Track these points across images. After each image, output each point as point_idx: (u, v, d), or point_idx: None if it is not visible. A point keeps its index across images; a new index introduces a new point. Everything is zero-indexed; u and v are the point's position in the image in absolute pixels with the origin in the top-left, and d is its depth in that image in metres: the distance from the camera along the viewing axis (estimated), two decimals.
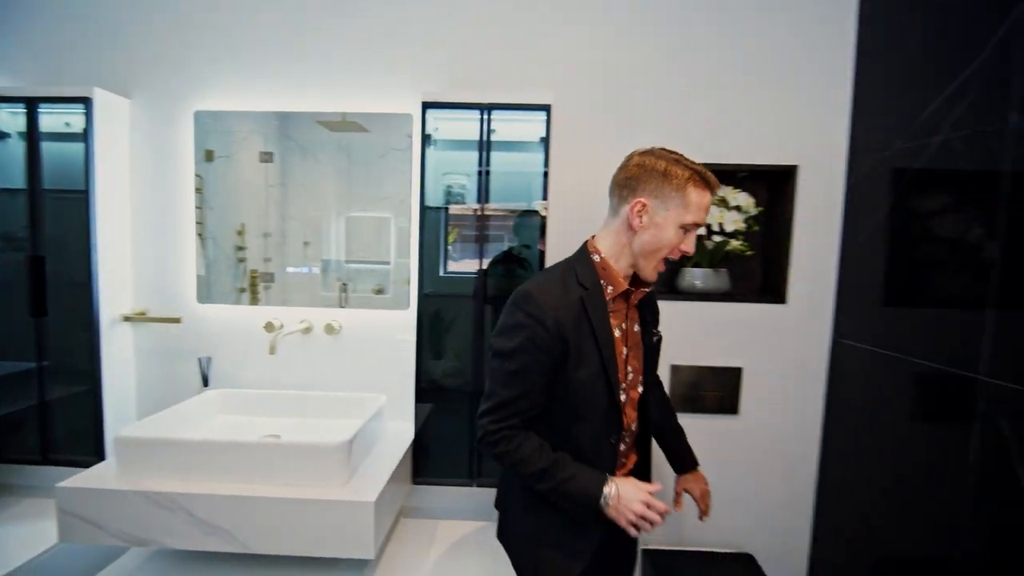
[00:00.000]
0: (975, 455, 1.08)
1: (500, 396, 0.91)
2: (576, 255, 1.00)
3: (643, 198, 0.91)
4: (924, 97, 1.22)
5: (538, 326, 0.88)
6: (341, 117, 1.58)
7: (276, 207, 1.63)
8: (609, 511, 0.91)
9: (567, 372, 0.92)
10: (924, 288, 1.22)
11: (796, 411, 1.58)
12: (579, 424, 0.95)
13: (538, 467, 0.90)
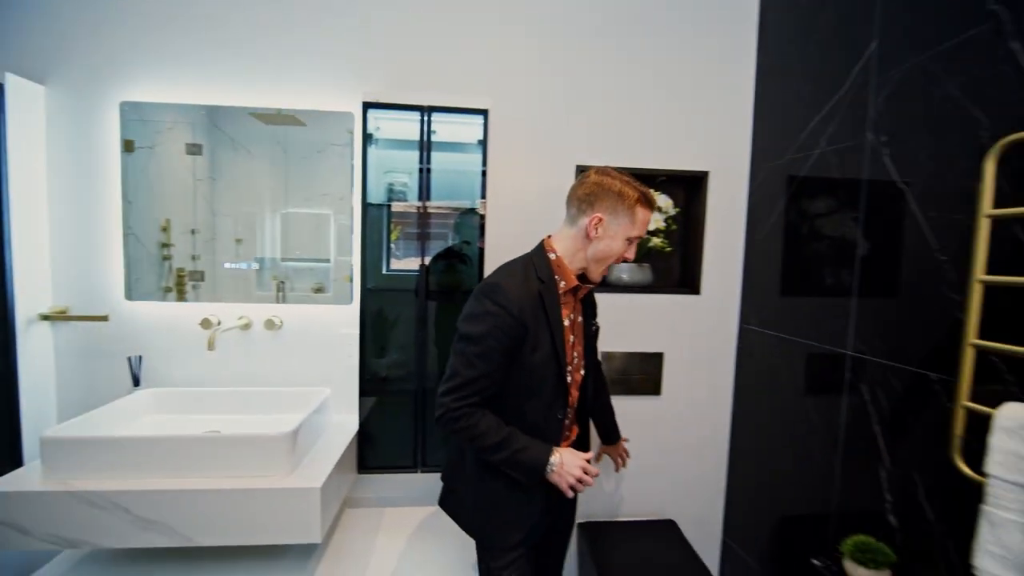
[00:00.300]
0: (843, 417, 1.29)
1: (464, 376, 1.01)
2: (534, 252, 1.13)
3: (600, 214, 1.06)
4: (806, 116, 1.43)
5: (506, 314, 1.00)
6: (276, 110, 1.55)
7: (205, 202, 1.57)
8: (553, 476, 1.05)
9: (523, 355, 1.04)
10: (811, 280, 1.43)
11: (710, 390, 1.78)
12: (531, 401, 1.08)
13: (494, 440, 1.02)
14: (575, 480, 1.05)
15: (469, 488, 1.14)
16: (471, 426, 1.01)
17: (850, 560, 1.14)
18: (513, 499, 1.10)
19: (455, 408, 1.01)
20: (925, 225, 1.06)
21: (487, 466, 1.09)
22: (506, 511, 1.10)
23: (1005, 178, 0.89)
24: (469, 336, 1.02)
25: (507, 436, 1.03)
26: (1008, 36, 0.90)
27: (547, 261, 1.10)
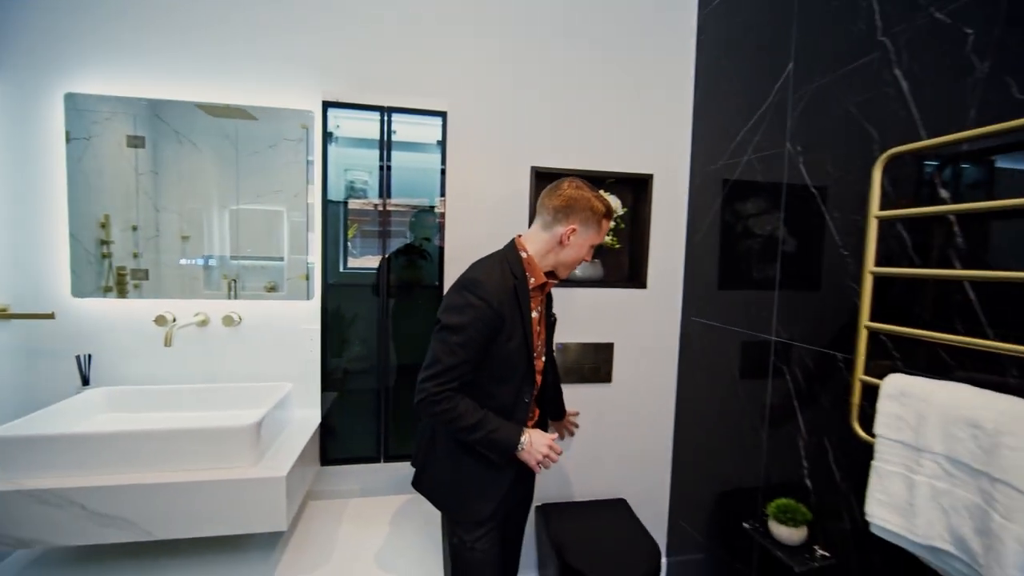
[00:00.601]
0: (769, 397, 1.44)
1: (444, 363, 1.09)
2: (507, 250, 1.23)
3: (575, 225, 1.18)
4: (736, 126, 1.59)
5: (486, 307, 1.10)
6: (224, 103, 1.52)
7: (147, 197, 1.52)
8: (523, 454, 1.16)
9: (499, 344, 1.14)
10: (743, 274, 1.58)
11: (656, 377, 1.92)
12: (504, 385, 1.18)
13: (471, 422, 1.11)
14: (542, 456, 1.16)
15: (442, 468, 1.22)
16: (450, 409, 1.09)
17: (774, 521, 1.29)
18: (485, 476, 1.19)
19: (435, 393, 1.09)
20: (831, 225, 1.22)
21: (460, 446, 1.19)
22: (478, 487, 1.20)
23: (890, 184, 1.05)
24: (451, 326, 1.10)
25: (482, 418, 1.12)
26: (893, 64, 1.06)
27: (519, 259, 1.20)
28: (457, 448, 1.20)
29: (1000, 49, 0.87)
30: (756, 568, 1.47)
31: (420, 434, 1.32)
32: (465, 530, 1.21)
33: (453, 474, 1.21)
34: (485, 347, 1.13)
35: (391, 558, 1.36)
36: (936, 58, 0.97)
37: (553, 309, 1.41)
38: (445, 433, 1.21)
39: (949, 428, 0.83)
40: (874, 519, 0.95)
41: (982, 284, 0.89)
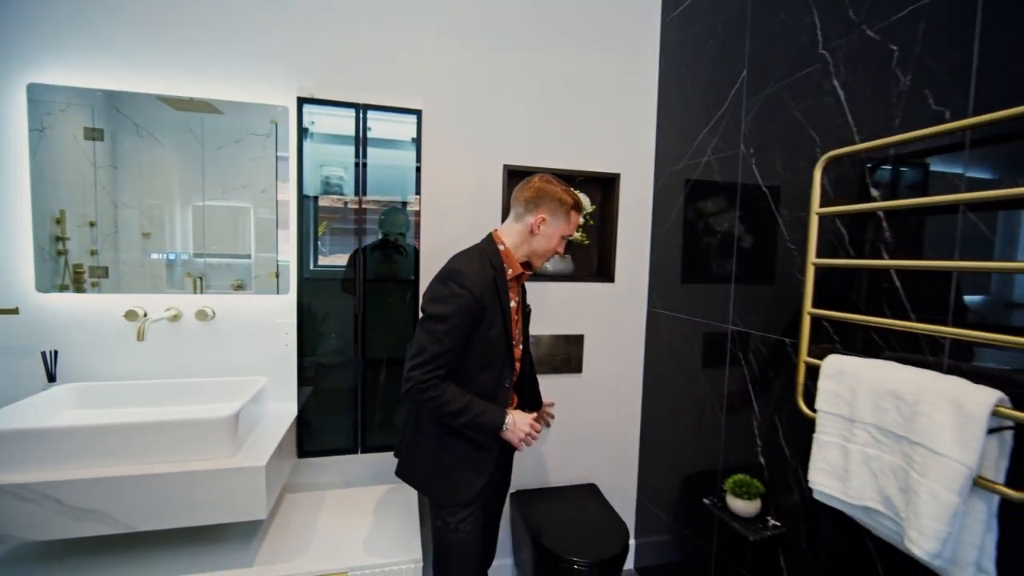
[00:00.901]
0: (727, 383, 1.55)
1: (431, 351, 1.14)
2: (485, 243, 1.29)
3: (544, 215, 1.26)
4: (697, 128, 1.69)
5: (469, 296, 1.16)
6: (190, 97, 1.50)
7: (105, 192, 1.48)
8: (507, 434, 1.23)
9: (480, 332, 1.20)
10: (705, 269, 1.68)
11: (624, 366, 2.01)
12: (486, 371, 1.24)
13: (458, 407, 1.16)
14: (525, 435, 1.25)
15: (428, 454, 1.27)
16: (437, 396, 1.15)
17: (731, 495, 1.40)
18: (471, 458, 1.26)
19: (423, 380, 1.14)
20: (780, 221, 1.33)
21: (446, 432, 1.25)
22: (465, 470, 1.25)
23: (830, 184, 1.16)
24: (436, 316, 1.15)
25: (468, 403, 1.18)
26: (832, 75, 1.17)
27: (497, 251, 1.27)
28: (443, 433, 1.25)
29: (919, 65, 0.98)
30: (716, 542, 1.58)
31: (403, 424, 1.36)
32: (449, 513, 1.26)
33: (439, 459, 1.26)
34: (468, 335, 1.18)
35: (371, 543, 1.40)
36: (868, 71, 1.08)
37: (527, 301, 1.48)
38: (430, 420, 1.26)
39: (877, 401, 0.94)
40: (815, 485, 1.05)
41: (906, 273, 1.00)
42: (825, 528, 1.19)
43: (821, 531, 1.20)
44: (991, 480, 0.80)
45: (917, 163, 1.00)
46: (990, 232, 0.87)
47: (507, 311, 1.24)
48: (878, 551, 1.05)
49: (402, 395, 1.17)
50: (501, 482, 1.50)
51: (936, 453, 0.82)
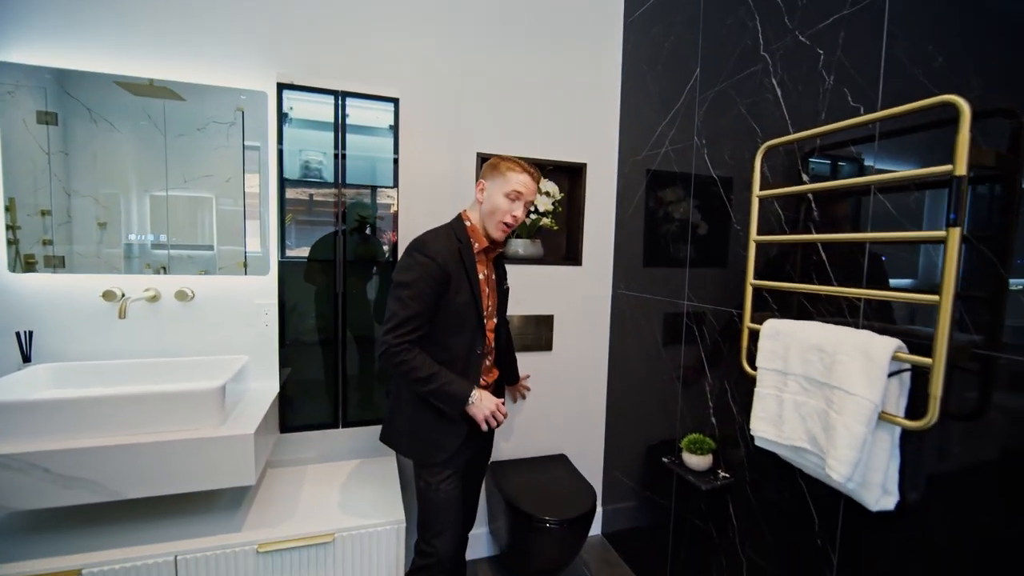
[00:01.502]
0: (683, 354, 1.70)
1: (400, 316, 1.23)
2: (453, 221, 1.39)
3: (483, 181, 1.38)
4: (656, 121, 1.83)
5: (431, 263, 1.25)
6: (149, 81, 1.47)
7: (58, 180, 1.45)
8: (472, 409, 1.30)
9: (448, 298, 1.29)
10: (664, 252, 1.83)
11: (591, 344, 2.15)
12: (456, 337, 1.32)
13: (426, 374, 1.24)
14: (489, 414, 1.30)
15: (407, 418, 1.36)
16: (407, 360, 1.23)
17: (686, 452, 1.55)
18: (441, 427, 1.34)
19: (395, 344, 1.22)
20: (728, 205, 1.48)
21: (420, 399, 1.32)
22: (436, 436, 1.34)
23: (769, 171, 1.32)
24: (403, 283, 1.25)
25: (437, 371, 1.26)
26: (771, 74, 1.32)
27: (464, 227, 1.37)
28: (418, 401, 1.34)
29: (840, 67, 1.14)
30: (674, 498, 1.73)
31: (390, 395, 1.45)
32: (430, 474, 1.35)
33: (413, 424, 1.35)
34: (435, 300, 1.27)
35: (355, 508, 1.47)
36: (800, 71, 1.24)
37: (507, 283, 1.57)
38: (408, 388, 1.34)
39: (805, 355, 1.10)
40: (756, 432, 1.21)
41: (830, 246, 1.17)
42: (766, 475, 1.36)
43: (763, 478, 1.37)
44: (893, 414, 0.97)
45: (838, 152, 1.16)
46: (894, 210, 1.04)
47: (474, 281, 1.33)
48: (808, 488, 1.22)
49: (378, 359, 1.26)
50: (481, 452, 1.59)
51: (849, 393, 0.98)
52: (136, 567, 1.21)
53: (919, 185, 1.00)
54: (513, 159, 1.37)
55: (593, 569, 2.01)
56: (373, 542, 1.40)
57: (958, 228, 0.85)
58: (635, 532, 1.99)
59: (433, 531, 1.35)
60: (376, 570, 1.42)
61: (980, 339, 0.90)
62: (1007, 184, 0.88)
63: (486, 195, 1.36)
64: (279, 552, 1.31)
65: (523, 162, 1.37)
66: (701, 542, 1.59)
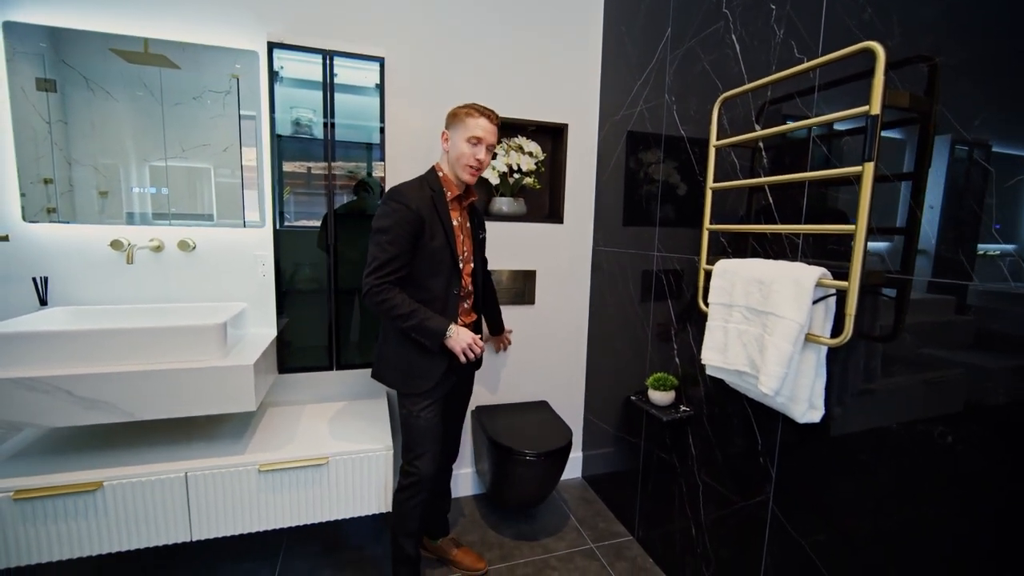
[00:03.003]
0: (653, 303, 1.82)
1: (380, 259, 1.34)
2: (427, 173, 1.49)
3: (445, 131, 1.48)
4: (632, 81, 1.91)
5: (405, 209, 1.35)
6: (144, 43, 1.49)
7: (59, 149, 1.48)
8: (450, 342, 1.41)
9: (424, 241, 1.39)
10: (638, 207, 1.92)
11: (572, 298, 2.27)
12: (434, 279, 1.43)
13: (406, 311, 1.35)
14: (466, 346, 1.41)
15: (391, 354, 1.48)
16: (388, 299, 1.34)
17: (651, 389, 1.68)
18: (423, 359, 1.45)
19: (376, 285, 1.33)
20: (693, 159, 1.58)
21: (404, 336, 1.43)
22: (418, 367, 1.46)
23: (727, 124, 1.41)
24: (381, 228, 1.36)
25: (416, 308, 1.37)
26: (731, 31, 1.40)
27: (437, 178, 1.47)
28: (402, 338, 1.45)
29: (788, 21, 1.22)
30: (643, 435, 1.88)
31: (379, 335, 1.56)
32: (412, 403, 1.47)
33: (398, 358, 1.47)
34: (412, 244, 1.37)
35: (348, 437, 1.62)
36: (755, 26, 1.32)
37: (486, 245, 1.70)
38: (392, 326, 1.46)
39: (747, 288, 1.21)
40: (706, 361, 1.33)
41: (776, 189, 1.27)
42: (720, 406, 1.49)
43: (718, 410, 1.50)
44: (818, 335, 1.09)
45: (786, 106, 1.25)
46: (829, 153, 1.14)
47: (448, 226, 1.43)
48: (752, 412, 1.35)
49: (361, 300, 1.36)
50: (461, 387, 1.70)
51: (780, 317, 1.10)
52: (151, 481, 1.36)
53: (852, 131, 1.09)
54: (471, 105, 1.44)
55: (571, 506, 2.17)
56: (364, 465, 1.55)
57: (872, 163, 0.95)
58: (611, 473, 2.14)
59: (415, 453, 1.48)
60: (366, 489, 1.57)
61: (895, 268, 1.01)
62: (921, 124, 0.97)
63: (450, 143, 1.45)
64: (278, 472, 1.46)
65: (480, 106, 1.44)
66: (665, 472, 1.74)
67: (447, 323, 1.40)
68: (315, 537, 1.87)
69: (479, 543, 1.89)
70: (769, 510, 1.31)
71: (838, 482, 1.13)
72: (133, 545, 1.38)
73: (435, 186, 1.45)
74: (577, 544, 1.91)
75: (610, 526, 2.03)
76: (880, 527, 1.04)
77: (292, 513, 1.50)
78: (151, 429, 1.57)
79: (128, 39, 1.53)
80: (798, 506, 1.23)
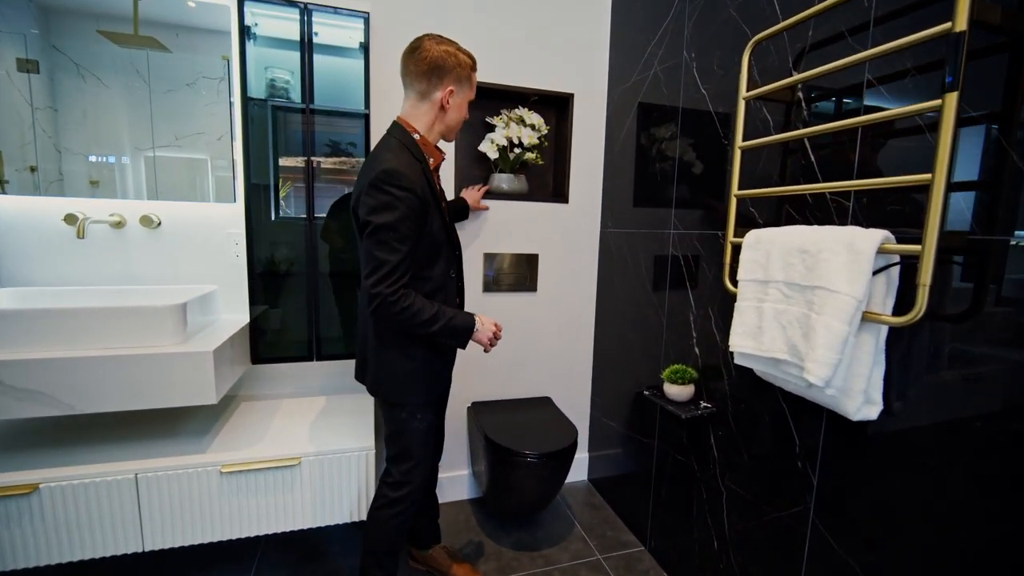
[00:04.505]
0: (667, 285, 1.63)
1: (391, 262, 1.08)
2: (399, 135, 1.19)
3: (451, 85, 1.18)
4: (646, 42, 1.72)
5: (413, 197, 1.10)
6: (131, 29, 1.42)
7: (47, 136, 1.41)
8: (477, 335, 1.23)
9: (426, 227, 1.16)
10: (651, 183, 1.73)
11: (578, 285, 2.08)
12: (434, 266, 1.22)
13: (430, 315, 1.13)
14: (492, 335, 1.25)
15: (393, 361, 1.22)
16: (408, 307, 1.10)
17: (667, 382, 1.49)
18: (438, 361, 1.28)
19: (392, 294, 1.08)
20: (716, 121, 1.39)
21: (409, 339, 1.21)
22: (431, 372, 1.26)
23: (758, 75, 1.22)
24: (387, 225, 1.08)
25: (438, 309, 1.15)
26: None
27: (415, 142, 1.19)
28: (407, 341, 1.21)
29: None
30: (657, 434, 1.69)
31: (361, 343, 1.32)
32: (414, 409, 1.26)
33: (405, 367, 1.23)
34: (419, 236, 1.14)
35: (324, 436, 1.44)
36: None
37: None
38: (390, 332, 1.21)
39: (787, 258, 1.02)
40: (735, 348, 1.14)
41: (819, 147, 1.08)
42: (748, 403, 1.30)
43: (745, 407, 1.31)
44: (877, 313, 0.89)
45: (831, 44, 1.06)
46: (889, 95, 0.95)
47: (440, 203, 1.22)
48: (789, 408, 1.16)
49: (371, 313, 1.11)
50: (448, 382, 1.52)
51: (831, 291, 0.91)
52: (95, 484, 1.19)
53: (922, 68, 0.90)
54: (467, 52, 1.21)
55: (576, 512, 1.98)
56: (342, 466, 1.38)
57: (955, 94, 0.76)
58: (620, 476, 1.95)
59: (414, 462, 1.28)
60: (342, 494, 1.39)
61: (976, 228, 0.82)
62: (1013, 48, 0.78)
63: (455, 103, 1.20)
64: (243, 473, 1.29)
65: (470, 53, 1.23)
66: (683, 477, 1.55)
67: (471, 316, 1.22)
68: (294, 545, 1.70)
69: (474, 553, 1.70)
70: (809, 523, 1.12)
71: (899, 492, 0.94)
72: (76, 556, 1.21)
73: (418, 154, 1.18)
74: (582, 555, 1.72)
75: (619, 535, 1.84)
76: (952, 546, 0.85)
77: (260, 520, 1.33)
78: (103, 425, 1.40)
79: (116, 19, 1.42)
80: (847, 519, 1.04)
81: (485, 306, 1.94)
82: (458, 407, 1.96)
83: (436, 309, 1.15)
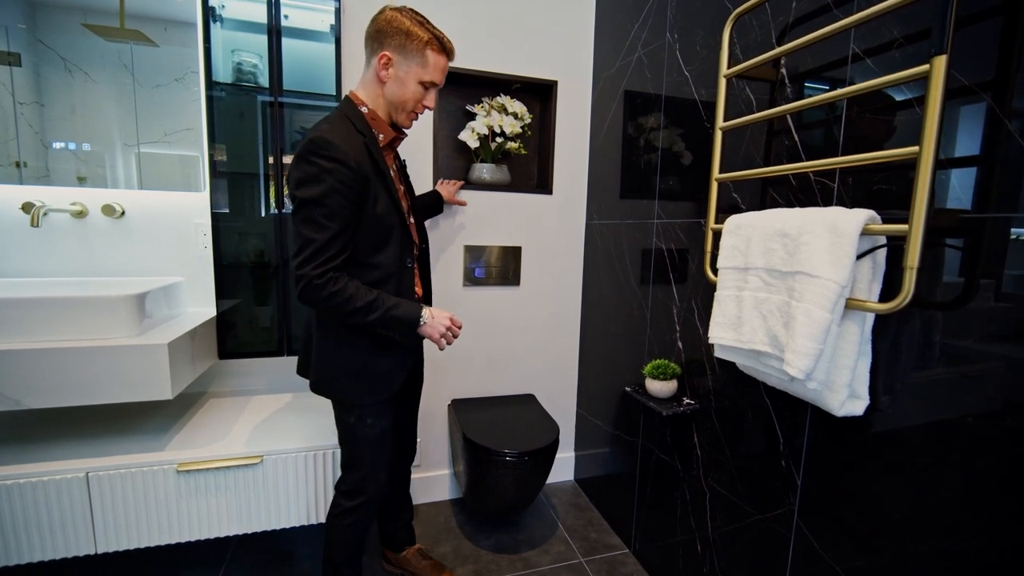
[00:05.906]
0: (652, 277, 1.56)
1: (317, 242, 0.98)
2: (344, 107, 1.10)
3: (389, 52, 1.06)
4: (630, 23, 1.66)
5: (344, 168, 0.98)
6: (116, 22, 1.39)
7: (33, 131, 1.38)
8: (425, 329, 1.10)
9: (367, 208, 1.05)
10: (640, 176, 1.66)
11: (563, 278, 2.02)
12: (383, 252, 1.10)
13: (365, 301, 1.02)
14: (444, 330, 1.12)
15: (335, 356, 1.13)
16: (338, 292, 1.00)
17: (649, 378, 1.43)
18: (383, 357, 1.14)
19: (318, 276, 0.98)
20: (700, 105, 1.32)
21: (352, 331, 1.10)
22: (376, 370, 1.13)
23: (740, 52, 1.15)
24: (312, 199, 0.98)
25: (377, 297, 1.04)
26: None
27: (361, 115, 1.09)
28: (350, 333, 1.11)
29: None
30: (641, 432, 1.62)
31: (304, 337, 1.23)
32: (363, 412, 1.16)
33: (351, 363, 1.12)
34: (356, 214, 1.03)
35: (290, 434, 1.38)
36: None
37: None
38: (333, 323, 1.11)
39: (767, 243, 0.96)
40: (714, 339, 1.07)
41: (802, 126, 1.01)
42: (731, 400, 1.23)
43: (728, 404, 1.24)
44: (862, 299, 0.83)
45: (816, 18, 1.00)
46: (876, 68, 0.88)
47: (390, 182, 1.10)
48: (772, 404, 1.10)
49: (297, 297, 1.00)
50: (415, 377, 1.42)
51: (812, 276, 0.84)
52: (43, 483, 1.13)
53: (911, 38, 0.83)
54: (431, 27, 1.08)
55: (560, 513, 1.92)
56: (308, 465, 1.32)
57: (943, 56, 0.69)
58: (606, 476, 1.89)
59: (365, 470, 1.18)
60: (308, 494, 1.33)
61: (973, 206, 0.75)
62: (1006, 16, 0.71)
63: (394, 75, 1.07)
64: (201, 472, 1.23)
65: (443, 35, 1.10)
66: (666, 477, 1.48)
67: (418, 307, 1.10)
68: (264, 545, 1.64)
69: (451, 554, 1.64)
70: (793, 526, 1.05)
71: (887, 493, 0.87)
72: (25, 559, 1.15)
73: (363, 127, 1.07)
74: (564, 558, 1.66)
75: (603, 537, 1.78)
76: (943, 551, 0.78)
77: (221, 522, 1.27)
78: (55, 421, 1.35)
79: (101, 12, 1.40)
80: (832, 522, 0.97)
81: (466, 301, 1.88)
82: (438, 405, 1.90)
83: (374, 296, 1.04)
